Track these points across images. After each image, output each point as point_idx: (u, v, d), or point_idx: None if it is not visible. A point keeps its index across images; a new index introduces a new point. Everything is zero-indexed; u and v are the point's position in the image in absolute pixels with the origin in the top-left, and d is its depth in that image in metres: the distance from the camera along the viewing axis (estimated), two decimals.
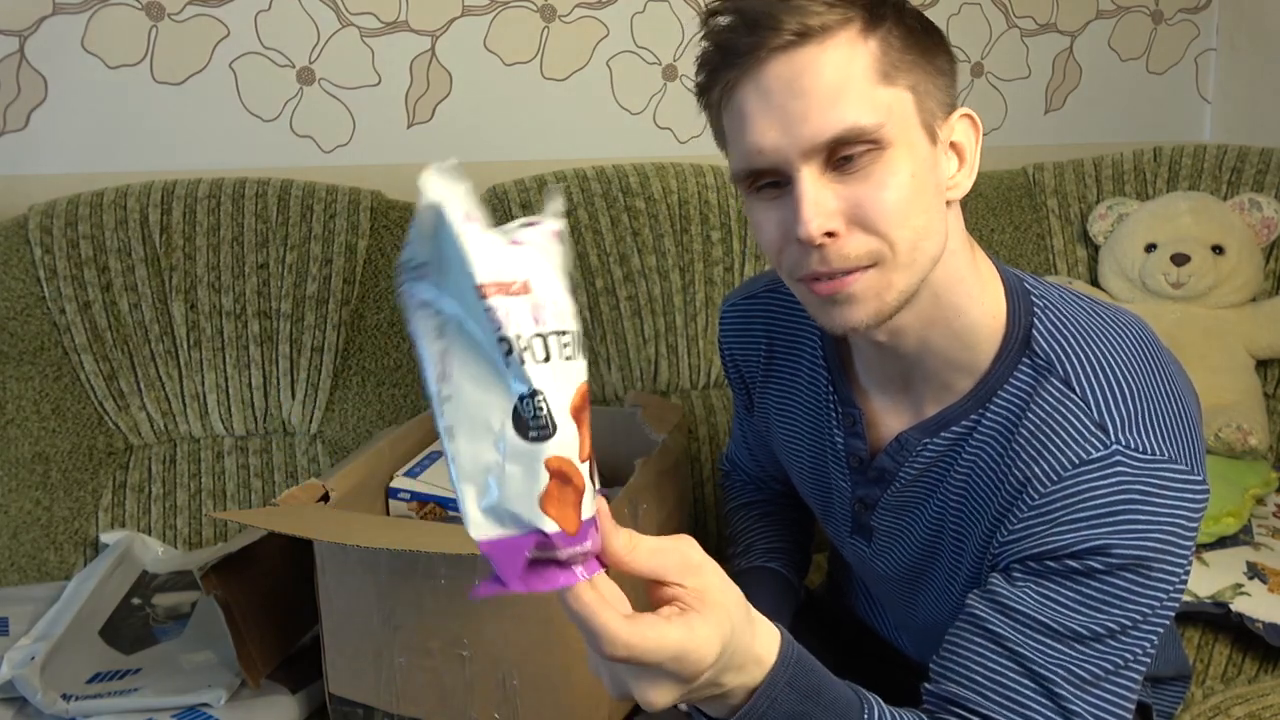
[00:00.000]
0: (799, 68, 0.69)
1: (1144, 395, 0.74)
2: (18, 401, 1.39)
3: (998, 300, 0.78)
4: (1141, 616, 0.72)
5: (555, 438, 0.45)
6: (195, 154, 1.62)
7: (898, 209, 0.70)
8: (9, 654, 1.16)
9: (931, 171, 0.72)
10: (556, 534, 0.46)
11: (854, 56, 0.69)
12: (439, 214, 0.45)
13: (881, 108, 0.69)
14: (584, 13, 1.71)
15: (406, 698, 1.06)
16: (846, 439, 0.88)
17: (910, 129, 0.71)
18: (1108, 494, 0.71)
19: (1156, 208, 1.64)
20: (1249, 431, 1.47)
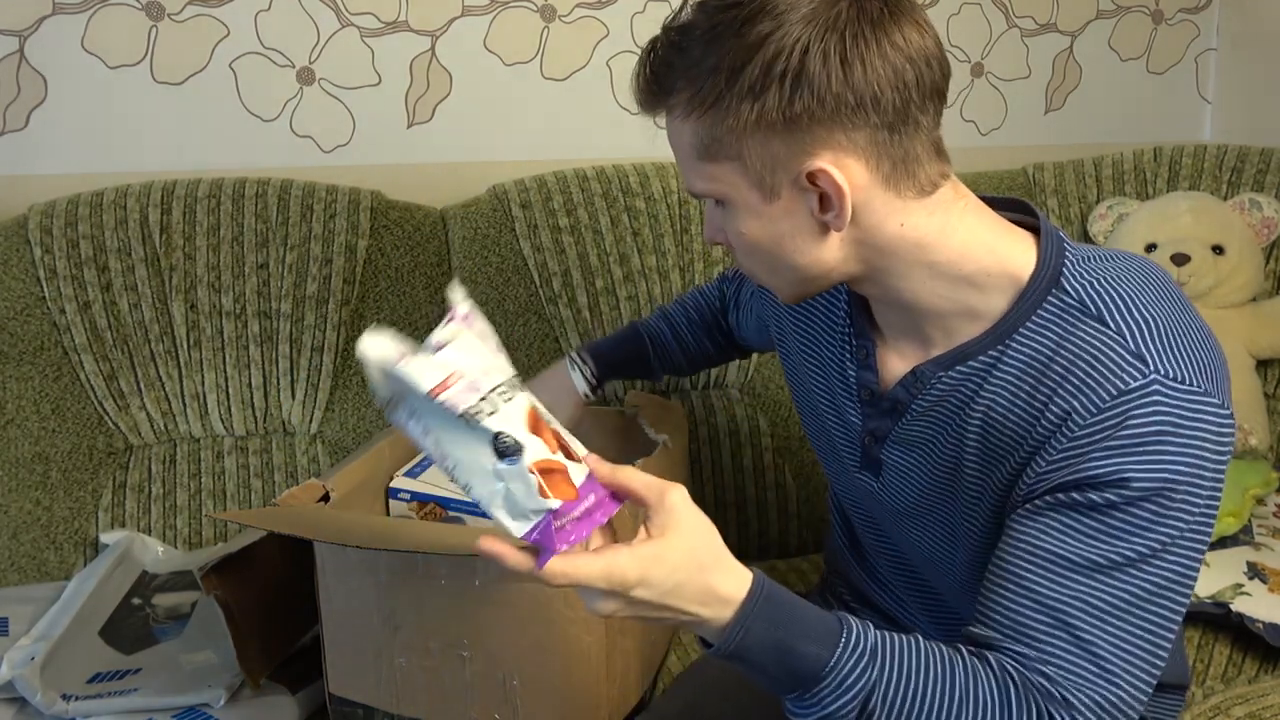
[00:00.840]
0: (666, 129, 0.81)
1: (1178, 330, 0.75)
2: (18, 401, 1.39)
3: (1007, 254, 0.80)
4: (1160, 545, 0.72)
5: (526, 451, 0.63)
6: (195, 154, 1.62)
7: (744, 251, 0.82)
8: (9, 654, 1.16)
9: (778, 221, 0.78)
10: (562, 505, 0.64)
11: (680, 133, 0.78)
12: (382, 366, 0.63)
13: (708, 178, 0.79)
14: (584, 13, 1.71)
15: (406, 698, 1.06)
16: (859, 371, 0.90)
17: (742, 191, 0.78)
18: (1143, 422, 0.72)
19: (1156, 208, 1.64)
20: (1249, 431, 1.47)
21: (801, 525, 1.58)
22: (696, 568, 0.69)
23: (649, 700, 1.15)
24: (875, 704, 0.71)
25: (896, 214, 0.78)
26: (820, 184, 0.75)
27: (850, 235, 0.78)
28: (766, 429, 1.58)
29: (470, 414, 0.62)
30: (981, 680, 0.72)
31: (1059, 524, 0.74)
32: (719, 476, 1.56)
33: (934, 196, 0.78)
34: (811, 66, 0.71)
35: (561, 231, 1.55)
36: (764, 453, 1.57)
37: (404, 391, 0.63)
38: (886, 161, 0.75)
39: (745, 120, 0.73)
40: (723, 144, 0.76)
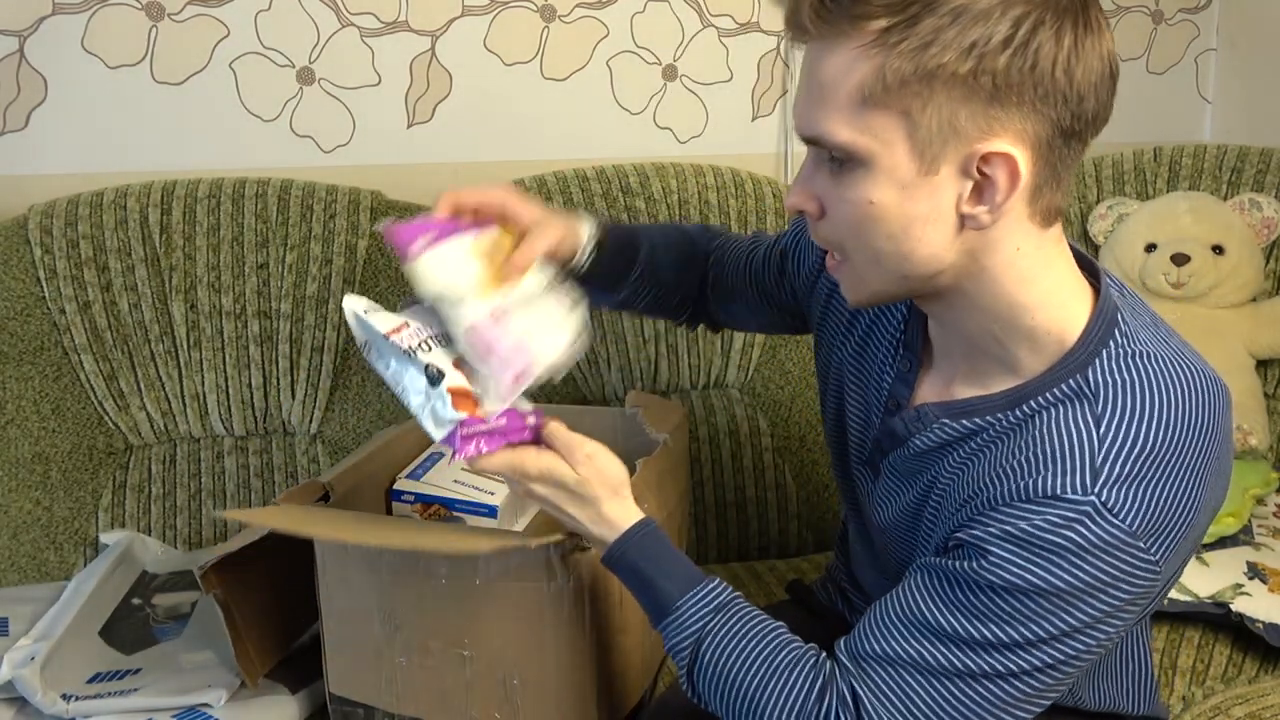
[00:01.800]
0: (812, 60, 0.71)
1: (1159, 462, 0.71)
2: (18, 401, 1.39)
3: (1069, 316, 0.76)
4: (1014, 641, 0.72)
5: (446, 379, 0.85)
6: (195, 154, 1.62)
7: (850, 225, 0.73)
8: (9, 654, 1.16)
9: (920, 201, 0.70)
10: (467, 419, 0.85)
11: (846, 69, 0.69)
12: (357, 318, 0.88)
13: (861, 128, 0.69)
14: (584, 13, 1.71)
15: (407, 698, 1.06)
16: (894, 383, 0.88)
17: (896, 155, 0.69)
18: (1051, 529, 0.70)
19: (1156, 208, 1.64)
20: (1249, 431, 1.47)
21: (801, 525, 1.58)
22: (591, 495, 0.86)
23: (649, 700, 1.15)
24: (705, 649, 0.82)
25: (1019, 234, 0.73)
26: (990, 170, 0.69)
27: (973, 242, 0.72)
28: (766, 429, 1.58)
29: (411, 349, 0.85)
30: (804, 666, 0.78)
31: (925, 581, 0.75)
32: (719, 476, 1.56)
33: (1049, 231, 0.75)
34: (1043, 42, 0.66)
35: None
36: (764, 453, 1.57)
37: (371, 334, 0.87)
38: (1045, 170, 0.71)
39: (953, 71, 0.65)
40: (906, 90, 0.67)
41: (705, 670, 0.82)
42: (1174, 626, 1.30)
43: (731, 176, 1.63)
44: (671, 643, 0.84)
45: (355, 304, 0.89)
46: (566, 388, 1.54)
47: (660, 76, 1.76)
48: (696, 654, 0.82)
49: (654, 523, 0.87)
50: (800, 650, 0.80)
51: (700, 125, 1.81)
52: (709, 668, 0.81)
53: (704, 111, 1.80)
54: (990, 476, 0.75)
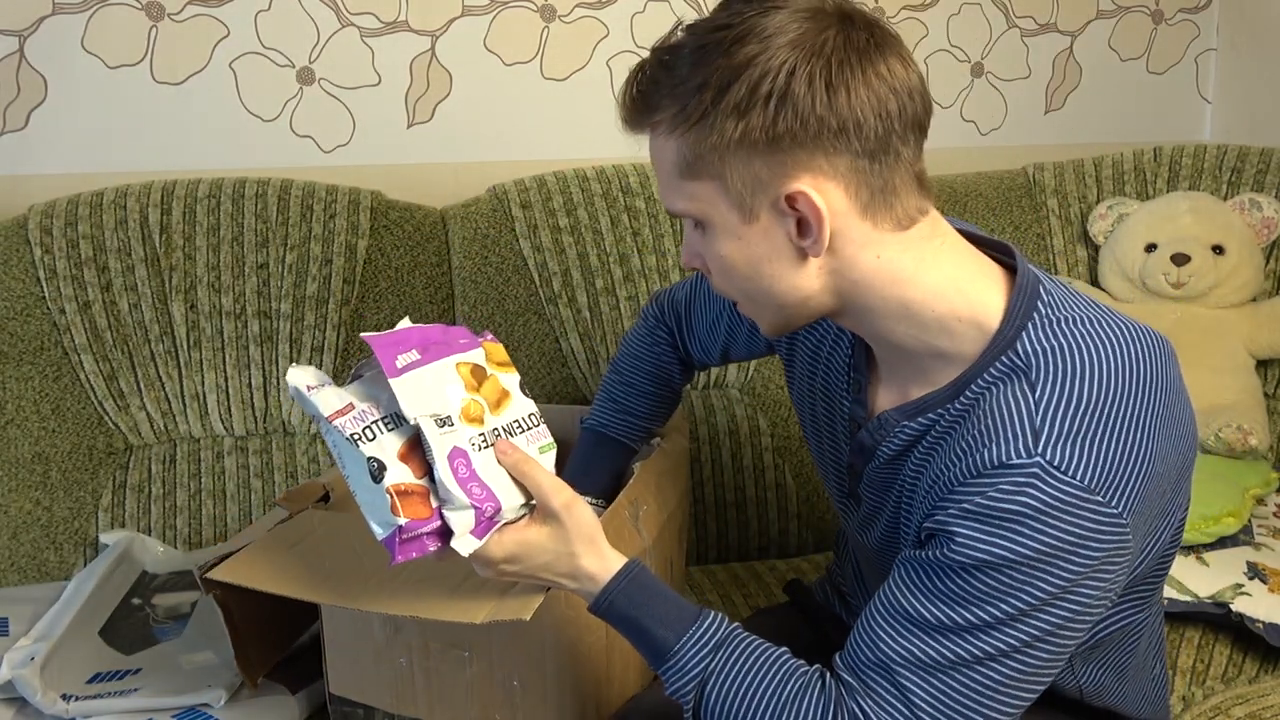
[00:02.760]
0: (649, 147, 0.82)
1: (1104, 420, 0.73)
2: (18, 401, 1.39)
3: (978, 300, 0.79)
4: (993, 618, 0.73)
5: (388, 474, 0.77)
6: (195, 154, 1.62)
7: (721, 273, 0.82)
8: (9, 654, 1.16)
9: (756, 244, 0.78)
10: (409, 523, 0.77)
11: (663, 150, 0.79)
12: (300, 394, 0.81)
13: (688, 197, 0.79)
14: (584, 13, 1.71)
15: (407, 698, 1.06)
16: (852, 405, 0.91)
17: (721, 212, 0.78)
18: (1004, 497, 0.72)
19: (1156, 208, 1.64)
20: (1249, 431, 1.47)
21: (801, 525, 1.58)
22: (565, 552, 0.83)
23: None
24: (710, 690, 0.80)
25: (873, 245, 0.78)
26: (799, 207, 0.75)
27: (827, 265, 0.78)
28: (766, 429, 1.58)
29: (354, 438, 0.78)
30: (812, 693, 0.77)
31: (905, 576, 0.77)
32: (719, 476, 1.56)
33: (911, 231, 0.78)
34: (797, 89, 0.72)
35: (561, 231, 1.55)
36: (764, 453, 1.57)
37: (314, 413, 0.81)
38: (865, 190, 0.76)
39: (729, 138, 0.74)
40: (705, 161, 0.76)
41: (713, 712, 0.80)
42: (1174, 626, 1.30)
43: None
44: (673, 687, 0.82)
45: (300, 377, 0.82)
46: (566, 388, 1.54)
47: None
48: (701, 696, 0.80)
49: (638, 564, 0.84)
50: (806, 676, 0.79)
51: None
52: (716, 708, 0.80)
53: None
54: (945, 463, 0.77)
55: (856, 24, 0.74)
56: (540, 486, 0.82)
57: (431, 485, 0.79)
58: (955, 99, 1.94)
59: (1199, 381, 1.55)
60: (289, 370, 0.82)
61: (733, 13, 0.74)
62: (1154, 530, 0.79)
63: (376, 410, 0.80)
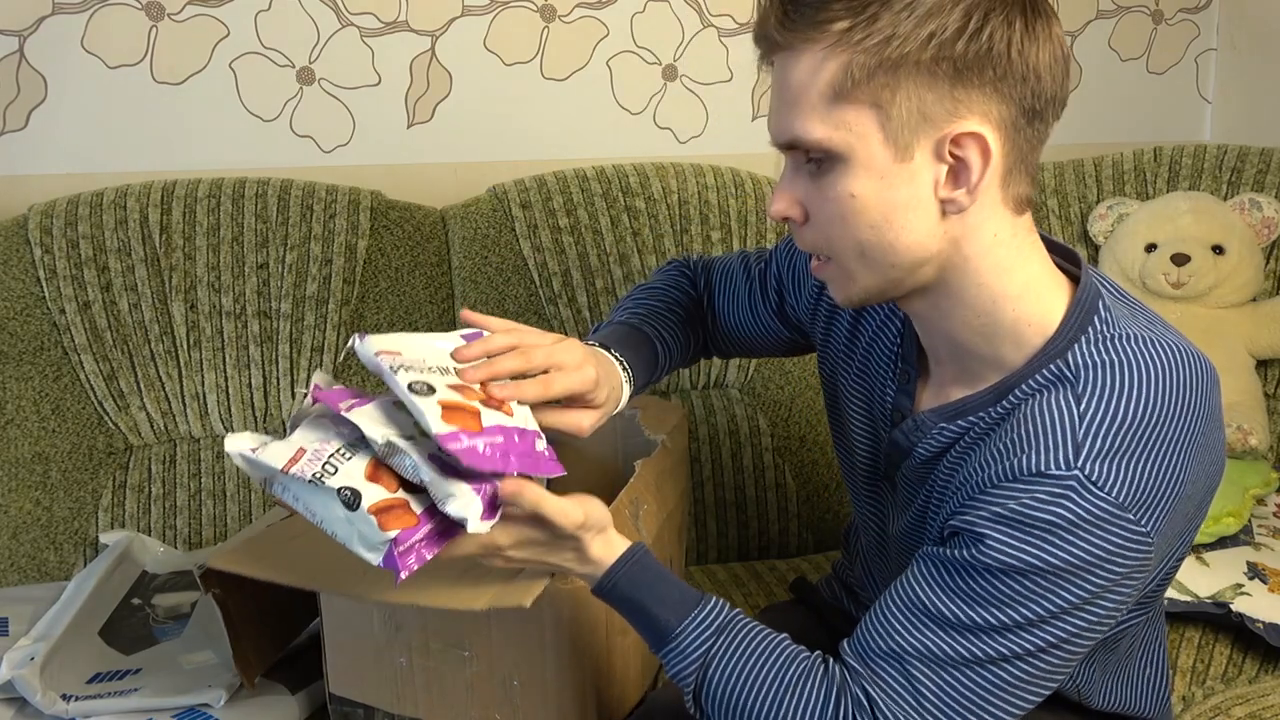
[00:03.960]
0: (781, 70, 0.75)
1: (1146, 442, 0.73)
2: (18, 401, 1.39)
3: (1049, 307, 0.78)
4: (1012, 621, 0.73)
5: (364, 497, 0.75)
6: (195, 154, 1.62)
7: (837, 219, 0.76)
8: (9, 654, 1.16)
9: (898, 188, 0.73)
10: (400, 534, 0.75)
11: (815, 70, 0.72)
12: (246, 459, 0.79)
13: (835, 124, 0.73)
14: (584, 13, 1.71)
15: (407, 698, 1.06)
16: (896, 395, 0.90)
17: (871, 145, 0.73)
18: (1039, 507, 0.72)
19: (1156, 208, 1.64)
20: (1249, 431, 1.47)
21: (801, 525, 1.58)
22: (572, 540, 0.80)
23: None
24: (713, 672, 0.80)
25: (995, 219, 0.75)
26: (962, 152, 0.72)
27: (954, 229, 0.75)
28: (766, 429, 1.58)
29: (316, 478, 0.76)
30: (814, 676, 0.78)
31: (925, 570, 0.77)
32: (719, 476, 1.56)
33: (1021, 219, 0.77)
34: (994, 22, 0.70)
35: (561, 231, 1.55)
36: (764, 453, 1.57)
37: (267, 472, 0.78)
38: (1014, 153, 0.74)
39: (913, 56, 0.70)
40: (876, 83, 0.71)
41: (714, 695, 0.80)
42: (1174, 626, 1.30)
43: (731, 176, 1.63)
44: (674, 669, 0.82)
45: (239, 444, 0.79)
46: None
47: (660, 76, 1.76)
48: (703, 679, 0.80)
49: (643, 548, 0.84)
50: (808, 661, 0.79)
51: (700, 125, 1.81)
52: (717, 692, 0.80)
53: (704, 111, 1.80)
54: (979, 464, 0.77)
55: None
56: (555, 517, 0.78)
57: (409, 494, 0.77)
58: None
59: None
60: (226, 440, 0.79)
61: None
62: (1175, 549, 0.80)
63: (329, 445, 0.78)
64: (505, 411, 0.80)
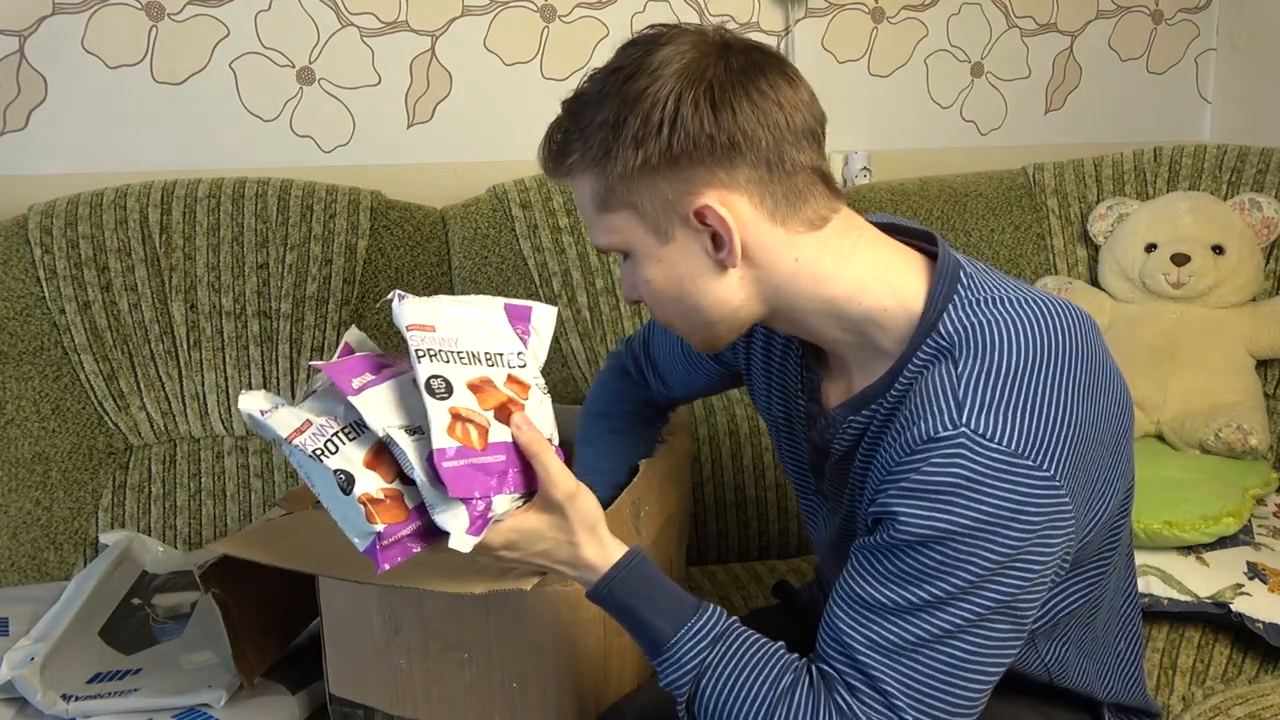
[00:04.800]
0: (574, 194, 0.87)
1: (1020, 384, 0.75)
2: (18, 401, 1.39)
3: (901, 288, 0.82)
4: (945, 593, 0.74)
5: (357, 485, 0.75)
6: (195, 154, 1.62)
7: (651, 299, 0.86)
8: (9, 654, 1.16)
9: (677, 264, 0.82)
10: (387, 528, 0.75)
11: (582, 191, 0.84)
12: (254, 420, 0.79)
13: (608, 230, 0.84)
14: (584, 13, 1.71)
15: (406, 699, 1.06)
16: (807, 403, 0.93)
17: (640, 238, 0.82)
18: (936, 470, 0.74)
19: (1156, 208, 1.64)
20: (1249, 431, 1.47)
21: (801, 525, 1.58)
22: (565, 541, 0.82)
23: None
24: (706, 683, 0.81)
25: (789, 248, 0.81)
26: (709, 221, 0.79)
27: (748, 273, 0.82)
28: (766, 429, 1.58)
29: (316, 453, 0.76)
30: (802, 687, 0.79)
31: (857, 563, 0.79)
32: (719, 476, 1.56)
33: (825, 230, 0.82)
34: (685, 112, 0.77)
35: (561, 231, 1.55)
36: (764, 453, 1.57)
37: (273, 436, 0.79)
38: (770, 198, 0.80)
39: (632, 166, 0.79)
40: (616, 193, 0.81)
41: (707, 705, 0.81)
42: (1174, 626, 1.30)
43: None
44: (668, 679, 0.83)
45: (252, 403, 0.80)
46: (566, 388, 1.54)
47: None
48: (696, 690, 0.81)
49: (639, 553, 0.85)
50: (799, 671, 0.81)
51: None
52: (710, 702, 0.81)
53: None
54: (885, 449, 0.80)
55: (735, 50, 0.80)
56: (548, 472, 0.81)
57: (404, 487, 0.78)
58: (955, 99, 1.94)
59: (1199, 381, 1.56)
60: (240, 397, 0.80)
61: (625, 55, 0.81)
62: (1097, 498, 0.80)
63: (335, 423, 0.78)
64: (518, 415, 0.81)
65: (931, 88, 1.93)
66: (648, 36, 0.83)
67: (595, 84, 0.82)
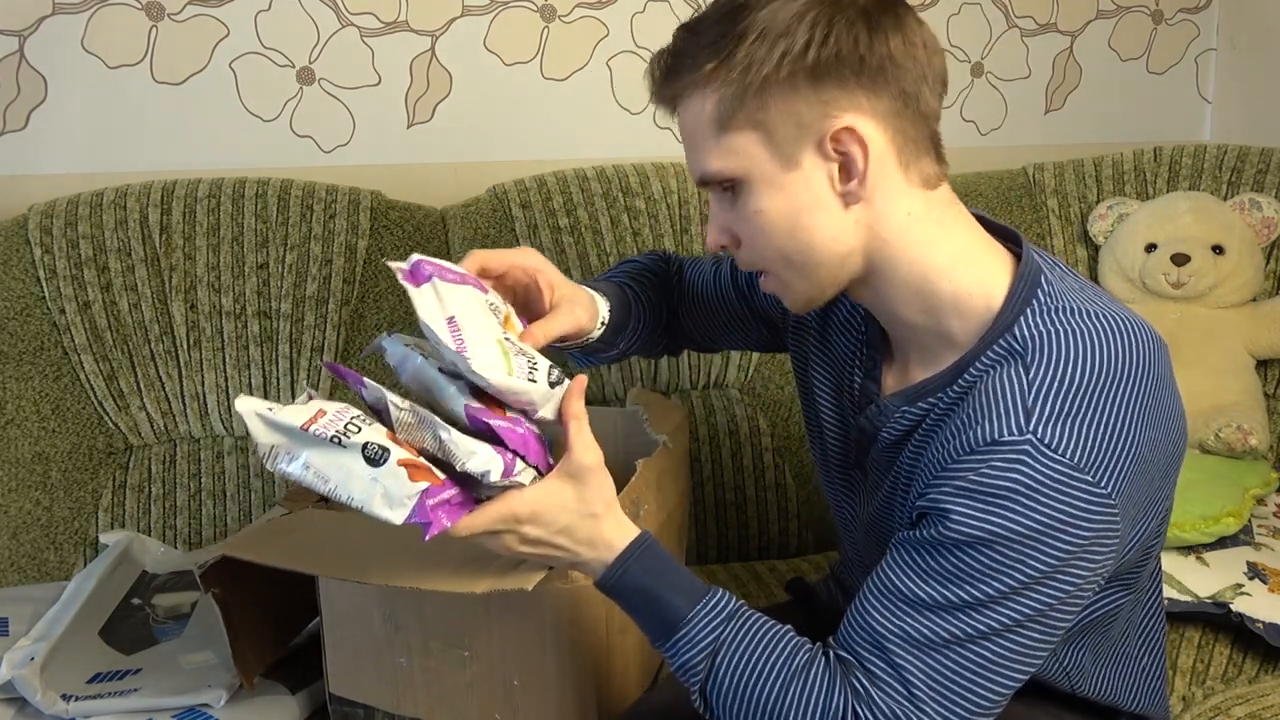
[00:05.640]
0: (680, 119, 0.84)
1: (1097, 404, 0.75)
2: (18, 401, 1.39)
3: (987, 277, 0.81)
4: (986, 596, 0.74)
5: (392, 454, 0.75)
6: (195, 154, 1.62)
7: (756, 236, 0.82)
8: (9, 654, 1.16)
9: (798, 194, 0.79)
10: (430, 488, 0.75)
11: (700, 110, 0.80)
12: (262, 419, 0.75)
13: (726, 153, 0.80)
14: (584, 13, 1.71)
15: (407, 698, 1.06)
16: (864, 380, 0.92)
17: (761, 163, 0.79)
18: (997, 474, 0.73)
19: (1156, 208, 1.64)
20: (1249, 431, 1.47)
21: (801, 525, 1.58)
22: (588, 514, 0.81)
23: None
24: (721, 660, 0.80)
25: (905, 198, 0.80)
26: (844, 147, 0.77)
27: (865, 217, 0.80)
28: (766, 429, 1.58)
29: (338, 436, 0.75)
30: (818, 665, 0.79)
31: (898, 556, 0.78)
32: (719, 476, 1.56)
33: (936, 193, 0.81)
34: (838, 28, 0.75)
35: (561, 231, 1.55)
36: (764, 453, 1.57)
37: (282, 432, 0.76)
38: (901, 135, 0.78)
39: (772, 78, 0.76)
40: (747, 108, 0.77)
41: (722, 682, 0.80)
42: (1174, 626, 1.30)
43: None
44: (683, 659, 0.81)
45: (251, 405, 0.76)
46: None
47: None
48: (712, 666, 0.80)
49: (650, 535, 0.84)
50: (812, 650, 0.81)
51: None
52: (726, 679, 0.80)
53: None
54: (940, 444, 0.79)
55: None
56: (582, 439, 0.80)
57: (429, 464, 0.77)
58: (955, 99, 1.94)
59: (1199, 381, 1.56)
60: (238, 400, 0.77)
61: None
62: (1141, 519, 0.80)
63: (349, 410, 0.78)
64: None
65: None
66: None
67: (720, 6, 0.79)
